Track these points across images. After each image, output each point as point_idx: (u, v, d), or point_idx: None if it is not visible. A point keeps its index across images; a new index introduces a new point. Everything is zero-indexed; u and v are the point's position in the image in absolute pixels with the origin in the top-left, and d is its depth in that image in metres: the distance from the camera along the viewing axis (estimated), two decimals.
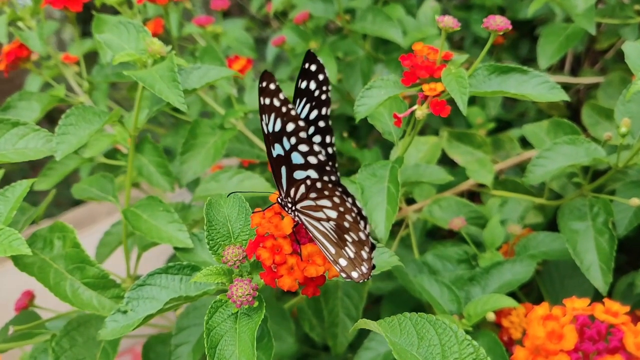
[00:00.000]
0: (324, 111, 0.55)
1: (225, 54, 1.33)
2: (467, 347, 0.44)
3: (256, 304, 0.51)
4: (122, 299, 0.57)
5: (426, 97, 0.68)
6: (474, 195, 1.20)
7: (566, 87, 1.25)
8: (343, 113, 1.36)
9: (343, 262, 0.52)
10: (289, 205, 0.53)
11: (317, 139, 0.55)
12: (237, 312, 0.52)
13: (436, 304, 0.77)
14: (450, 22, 0.66)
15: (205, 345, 0.49)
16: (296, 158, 0.51)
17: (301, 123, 0.49)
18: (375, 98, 0.71)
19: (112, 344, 0.68)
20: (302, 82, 0.54)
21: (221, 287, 0.56)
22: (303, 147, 0.50)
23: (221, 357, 0.49)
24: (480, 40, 1.42)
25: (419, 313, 0.48)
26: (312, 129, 0.55)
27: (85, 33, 1.92)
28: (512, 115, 1.38)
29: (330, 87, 0.55)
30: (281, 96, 0.49)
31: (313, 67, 0.54)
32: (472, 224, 0.94)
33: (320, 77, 0.54)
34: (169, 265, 0.58)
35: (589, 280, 0.76)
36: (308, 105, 0.55)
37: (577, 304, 0.43)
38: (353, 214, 0.50)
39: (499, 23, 0.65)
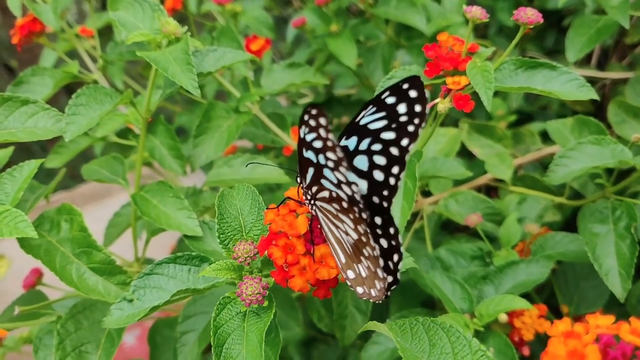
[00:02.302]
0: (404, 142, 0.49)
1: (244, 33, 1.31)
2: (481, 359, 0.42)
3: (266, 303, 0.50)
4: (128, 286, 0.56)
5: (449, 90, 0.66)
6: (491, 189, 1.17)
7: (592, 81, 1.22)
8: (361, 98, 1.34)
9: (351, 274, 0.50)
10: (309, 196, 0.51)
11: (380, 161, 0.50)
12: (246, 310, 0.51)
13: (447, 302, 0.76)
14: (478, 12, 0.64)
15: (212, 343, 0.48)
16: (328, 174, 0.47)
17: (343, 168, 0.45)
18: None
19: (118, 330, 0.67)
20: (390, 96, 0.49)
21: (230, 280, 0.54)
22: (339, 176, 0.47)
23: (227, 357, 0.47)
24: (505, 29, 1.38)
25: (431, 318, 0.47)
26: (378, 146, 0.50)
27: (106, 5, 1.90)
28: (534, 107, 1.34)
29: (424, 125, 0.49)
30: (330, 136, 0.44)
31: (413, 93, 0.48)
32: (489, 220, 0.92)
33: (417, 108, 0.48)
34: (178, 255, 0.57)
35: (605, 284, 0.74)
36: (384, 122, 0.49)
37: (601, 321, 0.41)
38: (374, 253, 0.48)
39: (530, 16, 0.62)
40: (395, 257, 0.51)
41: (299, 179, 0.52)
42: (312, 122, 0.44)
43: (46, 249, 0.63)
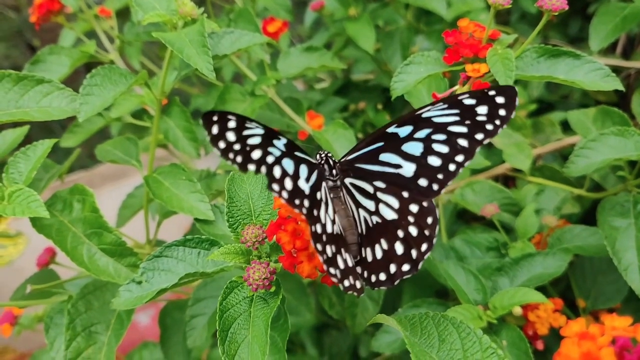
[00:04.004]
0: (478, 136, 0.51)
1: (262, 15, 1.30)
2: (492, 356, 0.41)
3: (273, 289, 0.49)
4: (139, 268, 0.56)
5: (468, 77, 0.64)
6: (509, 179, 1.15)
7: (616, 70, 1.19)
8: (379, 84, 1.32)
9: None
10: None
11: (442, 149, 0.52)
12: (253, 295, 0.50)
13: (461, 292, 0.75)
14: None
15: (217, 327, 0.47)
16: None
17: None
18: (414, 75, 0.67)
19: (128, 311, 0.67)
20: (470, 98, 0.51)
21: (240, 265, 0.54)
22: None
23: (233, 341, 0.47)
24: (528, 16, 1.35)
25: (442, 313, 0.46)
26: (441, 137, 0.52)
27: None
28: (555, 96, 1.32)
29: (505, 127, 0.51)
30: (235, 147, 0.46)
31: (500, 100, 0.50)
32: (505, 210, 0.90)
33: (502, 112, 0.51)
34: (187, 237, 0.56)
35: (624, 279, 0.73)
36: (455, 118, 0.51)
37: (618, 323, 0.40)
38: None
39: (555, 3, 0.60)
40: (424, 247, 0.52)
41: None
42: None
43: (58, 228, 0.63)
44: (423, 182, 0.53)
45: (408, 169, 0.53)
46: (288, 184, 0.48)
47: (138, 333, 1.65)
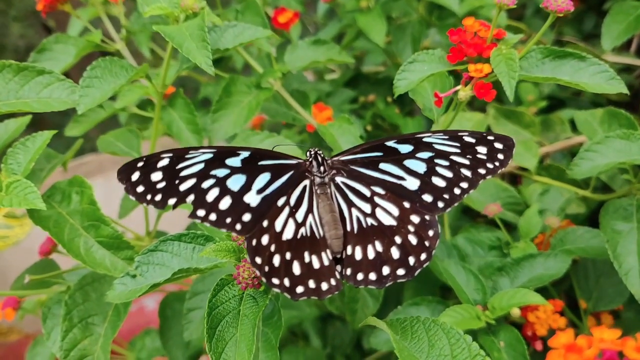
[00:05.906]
0: (481, 170, 0.53)
1: (274, 5, 1.29)
2: None
3: (262, 288, 0.49)
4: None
5: (471, 77, 0.63)
6: (516, 177, 1.14)
7: (629, 68, 1.17)
8: (388, 77, 1.31)
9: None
10: None
11: (446, 173, 0.54)
12: (243, 293, 0.50)
13: (461, 292, 0.74)
14: None
15: (205, 325, 0.47)
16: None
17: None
18: (418, 73, 0.66)
19: (125, 303, 0.68)
20: (470, 137, 0.54)
21: (234, 262, 0.54)
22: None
23: (220, 339, 0.47)
24: (543, 12, 1.32)
25: (433, 318, 0.46)
26: (445, 162, 0.54)
27: None
28: (566, 94, 1.30)
29: (501, 170, 0.53)
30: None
31: (498, 145, 0.53)
32: (509, 209, 0.90)
33: (500, 156, 0.54)
34: (183, 232, 0.56)
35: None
36: (456, 150, 0.54)
37: (606, 335, 0.39)
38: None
39: (560, 4, 0.59)
40: (423, 256, 0.52)
41: None
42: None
43: (56, 220, 0.63)
44: (428, 197, 0.54)
45: (412, 183, 0.54)
46: (224, 203, 0.50)
47: (144, 317, 1.66)
